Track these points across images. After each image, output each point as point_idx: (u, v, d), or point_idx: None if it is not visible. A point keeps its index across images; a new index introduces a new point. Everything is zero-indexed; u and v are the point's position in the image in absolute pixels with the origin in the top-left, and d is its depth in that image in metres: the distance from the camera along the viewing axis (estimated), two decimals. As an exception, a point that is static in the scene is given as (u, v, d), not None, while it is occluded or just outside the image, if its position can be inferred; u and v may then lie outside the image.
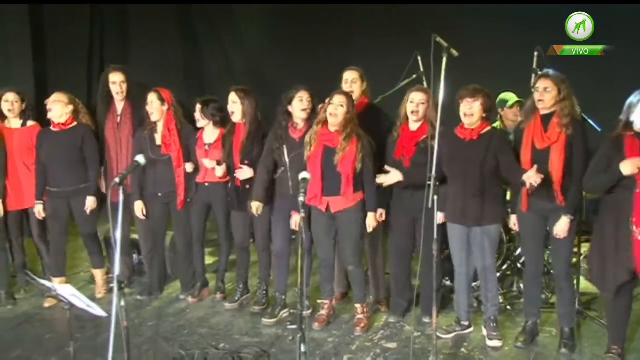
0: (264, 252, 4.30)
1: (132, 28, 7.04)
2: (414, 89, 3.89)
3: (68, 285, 2.88)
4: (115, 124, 4.52)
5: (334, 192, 3.77)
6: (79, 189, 4.35)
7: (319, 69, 6.12)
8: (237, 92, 4.12)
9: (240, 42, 6.79)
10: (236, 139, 4.15)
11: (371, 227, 3.86)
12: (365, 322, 3.96)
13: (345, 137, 3.73)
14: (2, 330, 4.06)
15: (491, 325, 3.73)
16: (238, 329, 4.03)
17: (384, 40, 5.84)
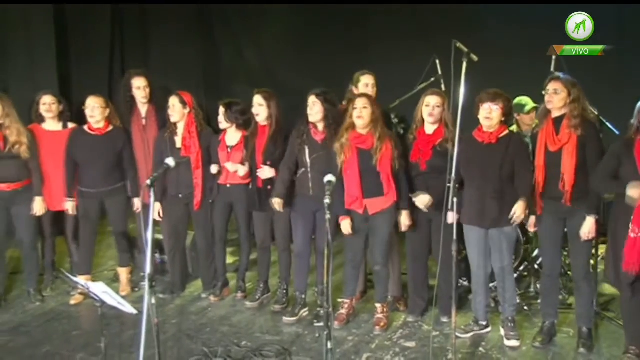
0: (284, 252, 4.38)
1: (151, 29, 7.17)
2: (429, 92, 3.95)
3: (101, 282, 2.97)
4: (141, 127, 4.63)
5: (374, 194, 3.84)
6: (112, 189, 4.49)
7: (336, 71, 6.18)
8: (262, 94, 4.20)
9: (257, 44, 6.89)
10: (259, 140, 4.23)
11: (405, 225, 3.93)
12: (384, 321, 4.03)
13: (379, 137, 3.81)
14: (31, 327, 4.19)
15: (509, 325, 3.77)
16: (259, 327, 4.11)
17: (400, 42, 5.90)
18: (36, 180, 4.42)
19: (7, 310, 4.45)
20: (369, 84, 4.24)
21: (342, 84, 5.61)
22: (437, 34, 5.54)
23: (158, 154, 4.44)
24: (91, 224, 4.59)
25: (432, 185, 3.82)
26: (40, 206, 4.43)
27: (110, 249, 5.61)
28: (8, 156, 4.28)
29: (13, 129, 4.29)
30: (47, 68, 6.19)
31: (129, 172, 4.58)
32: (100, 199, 4.52)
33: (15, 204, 4.39)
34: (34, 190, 4.41)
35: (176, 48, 6.87)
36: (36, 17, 6.14)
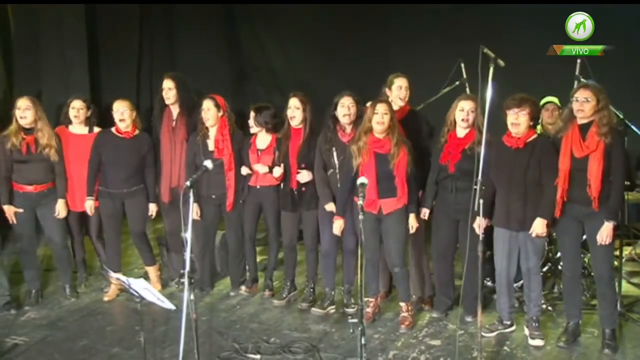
0: (311, 251, 4.50)
1: (178, 31, 7.31)
2: (463, 97, 4.03)
3: (141, 279, 3.09)
4: (171, 128, 4.75)
5: (388, 194, 3.96)
6: (132, 191, 4.62)
7: (358, 73, 6.31)
8: (299, 97, 4.31)
9: (282, 46, 7.00)
10: (292, 143, 4.35)
11: (413, 227, 4.03)
12: (409, 319, 4.12)
13: (396, 142, 3.92)
14: (68, 322, 4.35)
15: (533, 325, 3.84)
16: (287, 325, 4.23)
17: (423, 44, 5.97)
18: (60, 183, 4.56)
19: (44, 305, 4.62)
20: (403, 86, 4.31)
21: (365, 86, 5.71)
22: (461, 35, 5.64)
23: (190, 156, 4.57)
24: (114, 223, 4.72)
25: (459, 188, 3.91)
26: (62, 208, 4.57)
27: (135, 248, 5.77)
28: (37, 159, 4.44)
29: (45, 132, 4.45)
30: (79, 70, 6.33)
31: (148, 177, 4.69)
32: (121, 199, 4.65)
33: (40, 205, 4.54)
34: (58, 193, 4.55)
35: (202, 50, 7.01)
36: (68, 18, 6.26)
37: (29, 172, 4.44)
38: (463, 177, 3.85)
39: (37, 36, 6.14)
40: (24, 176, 4.45)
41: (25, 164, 4.42)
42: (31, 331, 4.18)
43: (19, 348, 3.93)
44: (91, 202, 4.63)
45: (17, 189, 4.47)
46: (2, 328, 4.19)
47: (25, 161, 4.41)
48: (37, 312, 4.50)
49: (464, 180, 3.84)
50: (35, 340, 4.04)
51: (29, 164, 4.42)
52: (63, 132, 4.67)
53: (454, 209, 3.98)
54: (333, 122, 4.21)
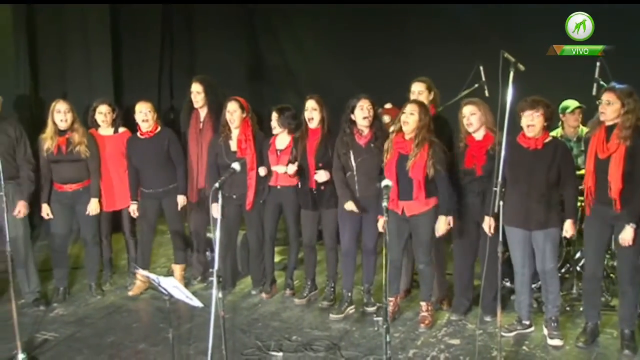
0: (331, 250, 4.60)
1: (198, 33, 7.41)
2: (462, 103, 4.11)
3: (171, 277, 3.21)
4: (198, 130, 4.88)
5: (408, 197, 4.03)
6: (169, 189, 4.78)
7: (376, 74, 6.36)
8: (316, 99, 4.42)
9: (300, 47, 7.07)
10: (310, 143, 4.45)
11: (440, 230, 4.06)
12: (429, 319, 4.20)
13: (417, 143, 3.98)
14: (95, 318, 4.50)
15: (552, 325, 3.90)
16: (308, 323, 4.33)
17: (441, 46, 6.01)
18: (94, 182, 4.72)
19: (72, 303, 4.78)
20: (415, 91, 4.41)
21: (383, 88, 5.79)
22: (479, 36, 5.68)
23: (212, 156, 4.69)
24: (149, 223, 4.88)
25: (489, 189, 3.91)
26: (95, 207, 4.72)
27: (162, 247, 5.92)
28: (68, 159, 4.61)
29: (80, 132, 4.63)
30: (103, 71, 6.45)
31: (178, 170, 4.82)
32: (159, 198, 4.81)
33: (78, 203, 4.72)
34: (91, 192, 4.71)
35: (221, 50, 7.09)
36: (92, 19, 6.38)
37: (62, 171, 4.64)
38: (490, 179, 3.89)
39: (62, 37, 6.28)
40: (60, 176, 4.65)
41: (58, 164, 4.62)
42: (60, 327, 4.33)
43: (50, 343, 4.08)
44: (134, 206, 4.82)
45: (56, 187, 4.68)
46: (32, 324, 4.35)
47: (58, 161, 4.61)
48: (65, 309, 4.65)
49: (491, 182, 3.89)
50: (65, 336, 4.19)
51: (62, 164, 4.61)
52: (93, 134, 4.83)
53: (478, 211, 4.02)
54: (349, 126, 4.30)
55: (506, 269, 4.25)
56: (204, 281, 5.11)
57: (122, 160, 4.88)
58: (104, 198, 4.84)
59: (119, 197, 4.90)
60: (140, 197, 4.83)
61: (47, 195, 4.67)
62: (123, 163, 4.87)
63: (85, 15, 6.35)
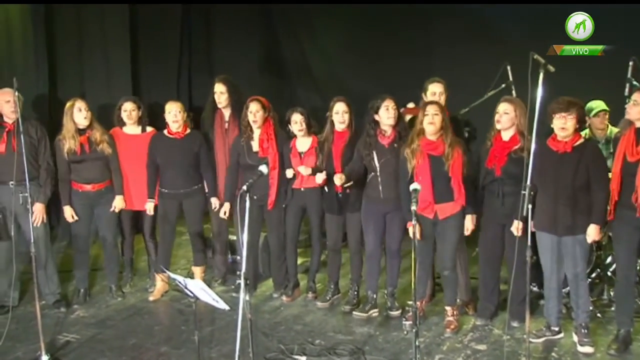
0: (356, 254, 4.67)
1: (217, 32, 7.53)
2: (501, 99, 4.15)
3: (198, 279, 3.30)
4: (224, 130, 4.97)
5: (445, 199, 4.09)
6: (190, 190, 4.86)
7: (399, 75, 6.41)
8: (345, 102, 4.49)
9: (320, 47, 7.15)
10: (335, 146, 4.52)
11: (469, 229, 4.16)
12: (455, 324, 4.25)
13: (450, 143, 4.05)
14: (116, 320, 4.61)
15: (582, 332, 3.93)
16: (331, 327, 4.40)
17: (466, 47, 6.05)
18: (117, 180, 4.82)
19: (92, 304, 4.90)
20: (437, 92, 4.45)
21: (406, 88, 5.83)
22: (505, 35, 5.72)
23: (234, 157, 4.78)
24: (170, 224, 4.96)
25: (505, 192, 4.01)
26: (120, 203, 4.83)
27: (182, 248, 6.02)
28: (92, 157, 4.71)
29: (98, 129, 4.74)
30: (122, 70, 6.57)
31: (206, 173, 4.92)
32: (179, 199, 4.89)
33: (98, 204, 4.82)
34: (115, 189, 4.82)
35: (240, 50, 7.20)
36: (111, 18, 6.50)
37: (85, 171, 4.71)
38: (509, 181, 3.96)
39: (80, 36, 6.39)
40: (82, 176, 4.72)
41: (81, 163, 4.69)
42: (81, 329, 4.45)
43: (72, 345, 4.20)
44: (151, 205, 4.89)
45: (76, 188, 4.75)
46: (54, 325, 4.47)
47: (80, 161, 4.68)
48: (86, 311, 4.77)
49: (510, 185, 3.95)
50: (86, 337, 4.30)
51: (85, 164, 4.69)
52: (117, 133, 4.93)
53: (501, 214, 4.08)
54: (373, 127, 4.36)
55: (534, 273, 4.29)
56: (225, 283, 5.21)
57: (145, 160, 4.90)
58: (130, 197, 4.91)
59: (143, 196, 4.94)
60: (160, 198, 4.90)
61: (68, 196, 4.75)
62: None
63: (103, 15, 6.46)
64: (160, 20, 7.05)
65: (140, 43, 6.92)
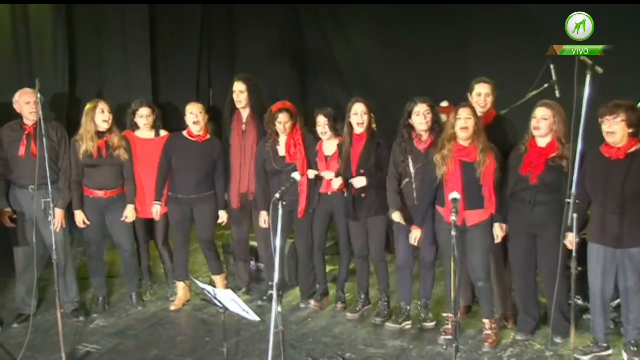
0: (380, 263, 4.68)
1: (238, 31, 7.59)
2: (539, 104, 4.12)
3: (229, 290, 3.35)
4: (241, 132, 4.98)
5: (475, 206, 4.08)
6: (202, 196, 4.87)
7: (433, 73, 6.42)
8: (364, 103, 4.50)
9: (350, 44, 7.17)
10: (355, 149, 4.53)
11: (499, 237, 4.15)
12: (493, 337, 4.24)
13: (482, 149, 4.04)
14: (137, 330, 4.67)
15: (632, 350, 3.89)
16: (362, 340, 4.42)
17: (504, 44, 6.02)
18: (130, 188, 4.85)
19: (112, 313, 4.96)
20: (483, 93, 4.42)
21: (440, 87, 5.84)
22: (545, 32, 5.68)
23: (260, 163, 4.81)
24: (183, 230, 4.98)
25: (540, 201, 3.99)
26: (131, 213, 4.85)
27: (200, 255, 6.04)
28: (107, 163, 4.74)
29: (117, 134, 4.78)
30: (141, 70, 6.64)
31: (219, 182, 4.93)
32: (190, 205, 4.90)
33: (109, 211, 4.84)
34: (127, 198, 4.84)
35: (263, 49, 7.26)
36: (132, 18, 6.57)
37: (99, 176, 4.74)
38: (545, 189, 3.94)
39: (100, 35, 6.47)
40: (95, 181, 4.75)
41: (95, 168, 4.72)
42: (101, 339, 4.51)
43: (92, 356, 4.26)
44: (158, 208, 4.89)
45: (87, 193, 4.78)
46: (73, 335, 4.54)
47: (95, 165, 4.71)
48: (106, 320, 4.83)
49: (545, 194, 3.93)
50: (107, 348, 4.37)
51: (100, 169, 4.72)
52: (130, 136, 4.94)
53: (531, 223, 4.07)
54: (408, 131, 4.37)
55: (578, 286, 4.27)
56: (249, 292, 5.26)
57: None
58: (139, 204, 4.95)
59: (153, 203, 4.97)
60: (171, 203, 4.91)
61: (80, 201, 4.77)
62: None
63: (124, 13, 6.54)
64: (181, 18, 7.09)
65: (159, 41, 6.97)
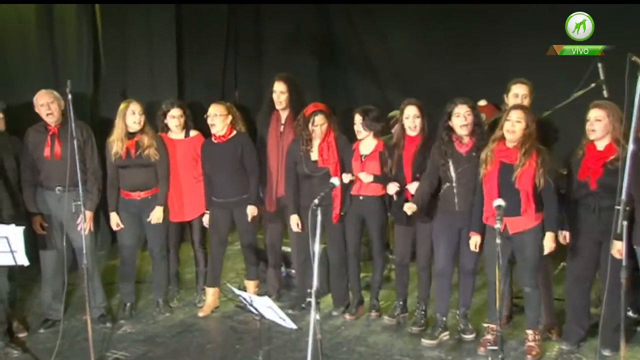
0: (424, 270, 4.69)
1: (266, 31, 7.69)
2: (591, 105, 4.09)
3: (265, 297, 3.40)
4: (279, 133, 5.03)
5: (513, 212, 4.04)
6: (241, 199, 4.93)
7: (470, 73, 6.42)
8: (417, 106, 4.52)
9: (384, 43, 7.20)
10: (407, 151, 4.56)
11: (549, 248, 4.11)
12: (537, 349, 4.23)
13: (524, 152, 4.02)
14: (166, 337, 4.74)
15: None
16: (398, 350, 4.45)
17: (546, 40, 6.00)
18: (162, 189, 4.92)
19: (139, 320, 5.04)
20: (519, 94, 4.42)
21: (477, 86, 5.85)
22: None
23: (291, 165, 4.85)
24: (220, 236, 5.05)
25: (603, 207, 3.97)
26: (158, 215, 4.91)
27: (229, 260, 6.11)
28: (137, 164, 4.82)
29: (149, 133, 4.86)
30: (166, 69, 6.76)
31: (251, 178, 4.97)
32: (230, 209, 4.98)
33: (146, 213, 4.92)
34: (158, 199, 4.92)
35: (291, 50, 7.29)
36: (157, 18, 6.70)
37: (131, 177, 4.84)
38: (607, 194, 3.91)
39: (124, 32, 6.57)
40: (127, 182, 4.85)
41: (126, 169, 4.82)
42: (130, 346, 4.59)
43: (121, 363, 4.36)
44: (207, 216, 5.03)
45: (122, 195, 4.88)
46: (100, 341, 4.61)
47: (125, 166, 4.81)
48: (133, 327, 4.92)
49: (608, 198, 3.90)
50: (136, 355, 4.45)
51: (130, 170, 4.82)
52: (162, 138, 5.02)
53: (597, 230, 4.04)
54: (448, 134, 4.38)
55: (630, 297, 4.26)
56: (279, 299, 5.31)
57: (194, 166, 5.06)
58: (173, 207, 5.03)
59: (189, 207, 5.09)
60: (212, 207, 5.01)
61: (115, 203, 4.87)
62: (194, 169, 5.05)
63: (149, 12, 6.66)
64: (207, 15, 7.18)
65: (185, 40, 7.08)
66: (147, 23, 6.67)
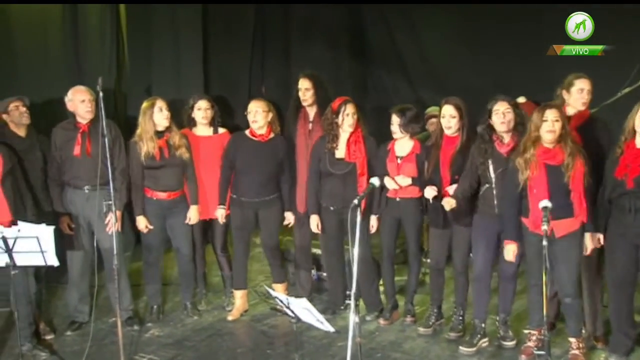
0: (461, 274, 4.68)
1: (294, 30, 7.74)
2: None
3: (303, 299, 3.43)
4: (307, 131, 5.08)
5: (564, 214, 4.03)
6: (267, 200, 4.96)
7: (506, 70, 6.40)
8: (453, 105, 4.50)
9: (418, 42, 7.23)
10: (444, 152, 4.55)
11: (589, 249, 4.11)
12: (582, 357, 4.20)
13: (570, 152, 4.01)
14: (195, 341, 4.78)
15: None
16: (435, 356, 4.45)
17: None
18: (192, 188, 4.96)
19: (167, 323, 5.09)
20: (585, 89, 4.34)
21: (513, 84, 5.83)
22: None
23: (315, 162, 4.86)
24: (244, 236, 5.07)
25: (638, 207, 3.94)
26: (195, 214, 4.98)
27: (257, 262, 6.16)
28: (171, 163, 4.86)
29: (176, 132, 4.90)
30: (193, 67, 6.82)
31: (285, 184, 5.01)
32: (255, 209, 4.99)
33: (171, 213, 4.97)
34: (190, 199, 4.95)
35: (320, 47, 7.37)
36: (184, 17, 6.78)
37: (164, 178, 4.86)
38: None
39: (150, 29, 6.65)
40: (158, 183, 4.87)
41: (159, 170, 4.84)
42: (158, 349, 4.64)
43: (150, 367, 4.41)
44: (222, 211, 4.99)
45: (150, 195, 4.89)
46: (128, 344, 4.65)
47: (159, 167, 4.83)
48: (161, 330, 4.97)
49: None
50: (165, 359, 4.50)
51: (163, 170, 4.84)
52: (188, 135, 5.05)
53: (634, 232, 4.01)
54: (488, 132, 4.37)
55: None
56: (311, 302, 5.33)
57: (219, 163, 5.06)
58: (201, 205, 5.05)
59: (213, 204, 5.09)
60: (234, 206, 5.00)
61: (142, 205, 4.89)
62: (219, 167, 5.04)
63: (175, 8, 6.73)
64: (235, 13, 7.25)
65: (211, 37, 7.13)
66: (172, 21, 6.74)
